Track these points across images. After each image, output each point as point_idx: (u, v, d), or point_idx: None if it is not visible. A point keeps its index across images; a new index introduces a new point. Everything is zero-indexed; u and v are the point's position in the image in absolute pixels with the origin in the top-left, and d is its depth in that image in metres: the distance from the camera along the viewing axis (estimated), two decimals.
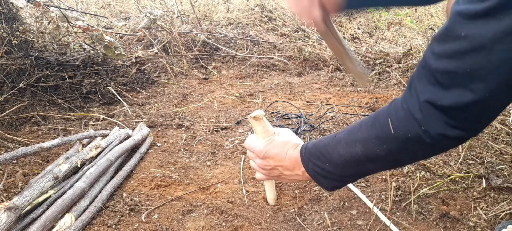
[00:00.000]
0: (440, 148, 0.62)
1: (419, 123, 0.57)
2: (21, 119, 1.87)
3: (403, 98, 0.61)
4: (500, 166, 1.42)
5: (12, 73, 2.01)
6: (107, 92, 2.23)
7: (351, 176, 0.74)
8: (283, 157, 0.83)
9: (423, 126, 0.57)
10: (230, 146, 1.70)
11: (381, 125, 0.63)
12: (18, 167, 1.48)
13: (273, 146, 0.86)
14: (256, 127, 1.15)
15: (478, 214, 1.20)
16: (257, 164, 0.89)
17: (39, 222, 1.06)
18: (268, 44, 3.36)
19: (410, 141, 0.60)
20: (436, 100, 0.54)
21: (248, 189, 1.36)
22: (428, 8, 4.61)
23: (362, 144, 0.66)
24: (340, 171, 0.72)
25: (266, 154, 0.85)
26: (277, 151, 0.85)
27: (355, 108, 2.13)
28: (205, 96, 2.38)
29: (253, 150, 0.88)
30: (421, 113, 0.57)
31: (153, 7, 3.91)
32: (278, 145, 0.85)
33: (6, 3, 2.08)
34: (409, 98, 0.59)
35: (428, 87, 0.56)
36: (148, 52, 3.01)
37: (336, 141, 0.72)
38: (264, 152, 0.85)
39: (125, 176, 1.42)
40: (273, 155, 0.85)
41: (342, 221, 1.19)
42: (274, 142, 0.86)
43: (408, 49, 2.94)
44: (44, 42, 2.37)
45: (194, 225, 1.17)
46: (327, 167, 0.73)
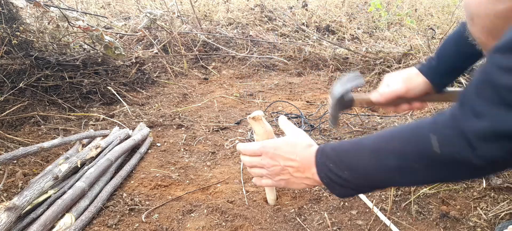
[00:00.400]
0: (491, 172, 0.57)
1: (472, 146, 0.50)
2: (21, 119, 1.87)
3: (453, 116, 0.54)
4: None
5: (12, 73, 2.01)
6: (107, 92, 2.23)
7: (370, 187, 0.69)
8: (295, 157, 0.76)
9: (477, 149, 0.50)
10: (230, 146, 1.70)
11: (422, 141, 0.57)
12: (18, 167, 1.48)
13: (284, 143, 0.78)
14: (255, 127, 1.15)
15: (478, 214, 1.20)
16: (263, 164, 0.80)
17: (39, 222, 1.06)
18: (268, 44, 3.36)
19: (456, 163, 0.54)
20: (501, 124, 0.46)
21: (248, 189, 1.36)
22: (428, 8, 4.61)
23: (397, 158, 0.60)
24: (361, 181, 0.66)
25: (275, 153, 0.77)
26: (288, 149, 0.77)
27: (355, 109, 2.13)
28: (205, 96, 2.38)
29: (259, 150, 0.80)
30: (477, 136, 0.50)
31: (153, 7, 3.91)
32: (290, 143, 0.78)
33: (6, 3, 2.08)
34: (461, 117, 0.52)
35: (490, 107, 0.48)
36: (148, 52, 3.01)
37: (360, 149, 0.66)
38: (274, 149, 0.77)
39: (125, 176, 1.42)
40: (283, 153, 0.77)
41: (342, 221, 1.19)
42: (285, 139, 0.79)
43: (408, 49, 2.94)
44: (44, 42, 2.37)
45: (194, 225, 1.17)
46: (345, 174, 0.67)
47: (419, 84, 1.05)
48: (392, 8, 4.39)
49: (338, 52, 3.20)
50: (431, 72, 1.05)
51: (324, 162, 0.71)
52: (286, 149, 0.77)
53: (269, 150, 0.78)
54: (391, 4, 4.55)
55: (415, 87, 1.05)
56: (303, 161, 0.74)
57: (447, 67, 1.05)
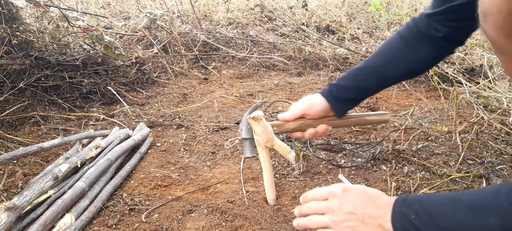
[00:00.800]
0: None
1: None
2: (21, 119, 1.87)
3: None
4: (500, 166, 1.42)
5: (12, 73, 2.01)
6: (107, 92, 2.23)
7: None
8: (372, 202, 0.72)
9: None
10: (230, 146, 1.70)
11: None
12: (18, 167, 1.48)
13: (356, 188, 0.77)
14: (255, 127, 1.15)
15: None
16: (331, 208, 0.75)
17: (39, 222, 1.06)
18: (268, 44, 3.36)
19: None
20: None
21: (248, 189, 1.36)
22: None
23: (500, 217, 0.55)
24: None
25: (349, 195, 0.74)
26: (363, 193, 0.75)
27: (355, 108, 2.13)
28: (205, 96, 2.38)
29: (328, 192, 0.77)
30: None
31: (153, 7, 3.91)
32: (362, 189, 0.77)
33: (6, 3, 2.08)
34: None
35: None
36: (148, 52, 3.01)
37: (453, 203, 0.61)
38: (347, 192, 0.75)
39: (125, 176, 1.42)
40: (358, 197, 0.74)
41: None
42: (356, 186, 0.79)
43: None
44: (44, 42, 2.37)
45: (194, 225, 1.17)
46: (428, 229, 0.61)
47: (320, 106, 1.17)
48: (392, 8, 4.39)
49: (338, 52, 3.20)
50: (331, 97, 1.17)
51: (404, 212, 0.66)
52: (361, 194, 0.74)
53: (342, 192, 0.75)
54: (391, 4, 4.55)
55: (316, 105, 1.17)
56: (379, 207, 0.70)
57: (344, 97, 1.17)
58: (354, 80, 1.16)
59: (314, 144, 1.70)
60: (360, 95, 1.21)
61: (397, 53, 1.13)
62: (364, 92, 1.20)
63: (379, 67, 1.14)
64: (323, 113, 1.18)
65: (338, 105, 1.17)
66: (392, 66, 1.13)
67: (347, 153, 1.60)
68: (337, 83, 1.18)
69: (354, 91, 1.17)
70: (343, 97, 1.17)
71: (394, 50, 1.14)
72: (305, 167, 1.49)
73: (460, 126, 1.78)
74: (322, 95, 1.18)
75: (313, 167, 1.50)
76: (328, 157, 1.58)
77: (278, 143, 1.22)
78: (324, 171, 1.47)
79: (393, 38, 1.16)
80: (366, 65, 1.16)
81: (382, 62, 1.14)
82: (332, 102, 1.16)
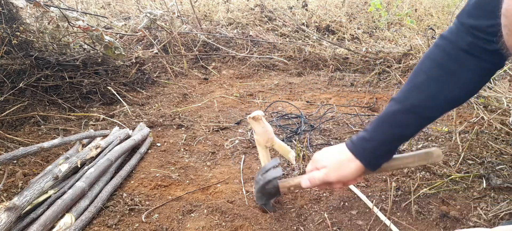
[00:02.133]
0: None
1: None
2: (21, 119, 1.87)
3: None
4: (500, 166, 1.42)
5: (12, 73, 2.00)
6: (107, 92, 2.23)
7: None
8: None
9: None
10: (230, 146, 1.70)
11: None
12: (18, 167, 1.48)
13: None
14: (255, 127, 1.15)
15: (478, 214, 1.20)
16: None
17: (39, 222, 1.06)
18: (268, 44, 3.36)
19: None
20: None
21: (248, 189, 1.36)
22: (428, 8, 4.61)
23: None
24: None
25: None
26: None
27: (355, 109, 2.13)
28: (205, 96, 2.38)
29: None
30: None
31: (153, 7, 3.91)
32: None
33: (6, 3, 2.08)
34: None
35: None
36: (148, 52, 3.01)
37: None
38: None
39: (125, 176, 1.42)
40: None
41: (342, 221, 1.19)
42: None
43: (408, 49, 2.94)
44: (44, 42, 2.37)
45: (194, 225, 1.17)
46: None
47: (351, 172, 0.98)
48: (392, 8, 4.39)
49: (338, 52, 3.20)
50: (365, 156, 0.98)
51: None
52: None
53: None
54: (391, 4, 4.55)
55: (347, 175, 0.99)
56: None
57: (382, 150, 0.98)
58: (392, 127, 0.96)
59: (314, 144, 1.70)
60: (399, 144, 1.02)
61: (438, 85, 0.93)
62: (403, 138, 1.00)
63: (418, 105, 0.94)
64: (357, 177, 1.01)
65: (375, 164, 1.00)
66: (434, 102, 0.94)
67: None
68: (371, 137, 0.97)
69: (392, 142, 0.98)
70: (379, 152, 0.98)
71: (433, 81, 0.94)
72: (305, 167, 1.49)
73: (460, 126, 1.78)
74: (355, 156, 0.98)
75: None
76: None
77: (278, 143, 1.22)
78: None
79: (426, 66, 0.96)
80: (401, 107, 0.95)
81: (421, 98, 0.94)
82: (368, 165, 0.98)
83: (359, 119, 1.97)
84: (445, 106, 0.97)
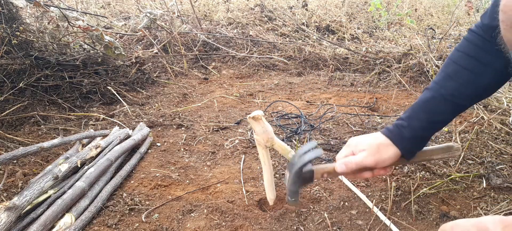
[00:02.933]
0: None
1: None
2: (21, 119, 1.87)
3: None
4: (500, 166, 1.42)
5: (12, 73, 2.00)
6: (107, 92, 2.23)
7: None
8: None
9: None
10: (230, 146, 1.70)
11: None
12: (18, 167, 1.48)
13: None
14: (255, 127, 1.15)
15: (478, 214, 1.20)
16: None
17: (39, 222, 1.06)
18: (268, 44, 3.36)
19: None
20: None
21: (248, 189, 1.36)
22: (428, 8, 4.61)
23: None
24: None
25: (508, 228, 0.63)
26: None
27: (355, 108, 2.13)
28: (205, 96, 2.38)
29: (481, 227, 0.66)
30: None
31: (153, 7, 3.91)
32: None
33: (6, 3, 2.08)
34: None
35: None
36: (148, 52, 3.01)
37: None
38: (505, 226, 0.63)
39: (125, 176, 1.42)
40: None
41: (342, 221, 1.19)
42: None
43: (408, 49, 2.94)
44: (44, 42, 2.37)
45: (194, 225, 1.17)
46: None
47: (389, 157, 0.99)
48: (392, 8, 4.39)
49: (338, 52, 3.20)
50: (403, 142, 0.99)
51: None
52: None
53: None
54: (391, 4, 4.55)
55: (385, 160, 0.98)
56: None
57: (418, 137, 1.00)
58: (427, 113, 0.99)
59: None
60: (434, 131, 1.04)
61: (472, 73, 0.97)
62: (438, 125, 1.03)
63: (453, 93, 0.98)
64: (393, 163, 1.01)
65: (411, 151, 1.01)
66: (469, 88, 0.97)
67: None
68: (409, 124, 0.99)
69: (428, 128, 1.00)
70: (415, 139, 1.00)
71: (466, 71, 0.98)
72: None
73: (460, 126, 1.78)
74: (392, 142, 0.99)
75: None
76: (328, 157, 1.58)
77: (278, 143, 1.22)
78: None
79: (457, 57, 1.01)
80: (436, 95, 0.99)
81: (455, 86, 0.98)
82: (405, 148, 0.99)
83: (359, 119, 1.97)
84: (477, 94, 1.00)
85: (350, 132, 1.83)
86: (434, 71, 2.37)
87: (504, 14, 0.54)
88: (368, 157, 0.97)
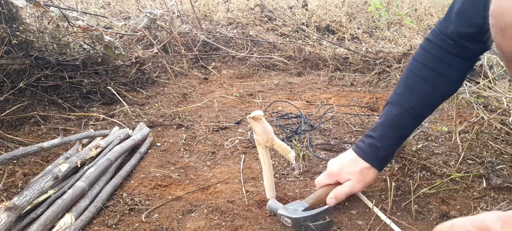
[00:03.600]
0: None
1: None
2: (21, 119, 1.87)
3: None
4: (500, 166, 1.42)
5: (12, 73, 2.00)
6: (107, 92, 2.23)
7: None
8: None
9: None
10: (230, 146, 1.70)
11: None
12: (18, 167, 1.48)
13: None
14: (255, 127, 1.15)
15: (478, 214, 1.20)
16: None
17: (39, 222, 1.06)
18: (268, 44, 3.36)
19: None
20: None
21: (248, 189, 1.36)
22: (428, 8, 4.61)
23: None
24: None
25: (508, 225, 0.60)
26: None
27: (355, 108, 2.13)
28: (205, 96, 2.38)
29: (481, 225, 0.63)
30: None
31: (153, 7, 3.91)
32: None
33: (6, 3, 2.08)
34: None
35: None
36: (148, 52, 3.01)
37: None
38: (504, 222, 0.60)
39: (125, 176, 1.42)
40: None
41: (342, 221, 1.18)
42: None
43: (408, 49, 2.94)
44: (44, 42, 2.37)
45: (194, 225, 1.17)
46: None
47: (372, 179, 1.09)
48: (392, 8, 4.39)
49: (338, 52, 3.20)
50: (379, 161, 1.07)
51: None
52: None
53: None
54: (391, 4, 4.55)
55: (369, 183, 1.09)
56: None
57: (391, 154, 1.11)
58: (396, 130, 1.07)
59: (314, 144, 1.70)
60: (400, 144, 1.13)
61: (429, 84, 1.03)
62: (404, 138, 1.13)
63: (415, 107, 1.05)
64: (373, 181, 1.12)
65: (384, 167, 1.12)
66: (428, 100, 1.05)
67: None
68: (381, 144, 1.07)
69: (397, 144, 1.10)
70: (389, 156, 1.10)
71: (425, 82, 1.04)
72: (305, 167, 1.49)
73: (460, 126, 1.78)
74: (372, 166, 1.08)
75: (313, 167, 1.50)
76: (328, 157, 1.58)
77: (278, 143, 1.22)
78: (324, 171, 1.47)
79: (416, 67, 1.06)
80: (401, 110, 1.06)
81: (417, 99, 1.05)
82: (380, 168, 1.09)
83: (359, 119, 1.97)
84: (435, 104, 1.10)
85: (350, 131, 1.83)
86: None
87: (493, 19, 0.55)
88: (356, 185, 1.07)
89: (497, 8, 0.53)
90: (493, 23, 0.55)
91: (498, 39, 0.55)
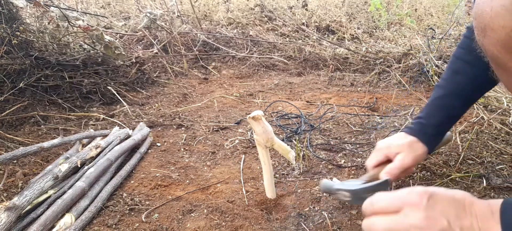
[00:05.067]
0: None
1: None
2: (21, 119, 1.87)
3: None
4: (500, 166, 1.42)
5: (12, 73, 2.00)
6: (107, 92, 2.23)
7: None
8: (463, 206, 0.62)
9: None
10: (230, 146, 1.70)
11: None
12: (18, 167, 1.48)
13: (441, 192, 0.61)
14: (255, 127, 1.15)
15: None
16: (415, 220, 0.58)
17: (39, 222, 1.06)
18: (268, 44, 3.36)
19: None
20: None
21: (248, 189, 1.36)
22: (428, 8, 4.61)
23: None
24: None
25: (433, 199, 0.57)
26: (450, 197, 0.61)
27: (355, 108, 2.13)
28: (205, 96, 2.38)
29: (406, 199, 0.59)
30: None
31: (153, 7, 3.91)
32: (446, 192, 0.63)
33: (6, 3, 2.08)
34: None
35: None
36: (148, 52, 3.01)
37: None
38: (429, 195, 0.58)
39: (125, 176, 1.42)
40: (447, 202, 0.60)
41: (342, 221, 1.18)
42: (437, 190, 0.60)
43: (408, 49, 2.94)
44: (44, 42, 2.37)
45: (194, 225, 1.17)
46: None
47: (423, 152, 1.05)
48: (392, 8, 4.39)
49: (338, 52, 3.20)
50: (428, 139, 1.06)
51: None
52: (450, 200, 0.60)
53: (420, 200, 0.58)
54: (391, 4, 4.55)
55: (420, 156, 1.05)
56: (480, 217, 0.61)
57: (440, 132, 1.10)
58: (443, 110, 1.07)
59: (314, 144, 1.70)
60: (451, 125, 1.14)
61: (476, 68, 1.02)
62: (454, 119, 1.13)
63: (462, 88, 1.05)
64: (424, 158, 1.09)
65: (434, 146, 1.11)
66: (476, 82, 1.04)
67: (347, 153, 1.60)
68: (429, 122, 1.07)
69: (446, 123, 1.10)
70: (438, 134, 1.09)
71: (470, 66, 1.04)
72: (305, 167, 1.49)
73: (460, 126, 1.78)
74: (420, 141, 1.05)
75: (313, 167, 1.50)
76: (328, 156, 1.58)
77: (278, 143, 1.22)
78: (324, 171, 1.47)
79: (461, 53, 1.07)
80: (447, 91, 1.07)
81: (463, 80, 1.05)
82: (430, 146, 1.07)
83: (359, 119, 1.97)
84: (483, 87, 1.07)
85: (350, 132, 1.83)
86: (434, 71, 2.37)
87: (475, 20, 0.57)
88: (407, 158, 1.01)
89: (477, 10, 0.55)
90: (475, 25, 0.57)
91: (481, 39, 0.57)
